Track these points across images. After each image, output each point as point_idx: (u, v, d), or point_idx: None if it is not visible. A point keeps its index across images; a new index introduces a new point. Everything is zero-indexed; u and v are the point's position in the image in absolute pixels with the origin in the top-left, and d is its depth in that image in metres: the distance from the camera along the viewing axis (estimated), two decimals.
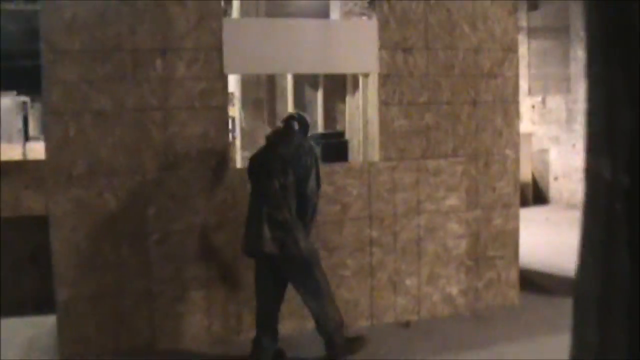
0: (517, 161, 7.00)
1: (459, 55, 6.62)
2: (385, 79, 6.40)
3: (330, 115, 10.76)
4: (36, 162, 7.56)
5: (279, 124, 5.40)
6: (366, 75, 9.58)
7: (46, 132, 5.67)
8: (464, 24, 6.63)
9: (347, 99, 10.52)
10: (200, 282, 5.93)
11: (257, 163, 5.34)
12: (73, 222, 5.60)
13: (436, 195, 6.62)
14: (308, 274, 5.27)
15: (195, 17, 5.79)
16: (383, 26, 6.38)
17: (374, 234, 6.41)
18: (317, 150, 9.49)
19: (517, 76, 6.92)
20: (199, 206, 5.87)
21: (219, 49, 5.86)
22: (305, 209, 5.23)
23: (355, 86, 10.24)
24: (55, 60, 5.52)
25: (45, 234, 5.65)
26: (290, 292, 5.51)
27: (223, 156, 5.93)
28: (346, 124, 10.54)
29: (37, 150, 10.81)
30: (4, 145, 12.07)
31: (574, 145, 13.83)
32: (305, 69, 6.89)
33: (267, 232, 5.05)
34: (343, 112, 10.76)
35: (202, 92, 5.84)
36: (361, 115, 9.64)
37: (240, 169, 6.74)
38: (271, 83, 10.34)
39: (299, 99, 10.73)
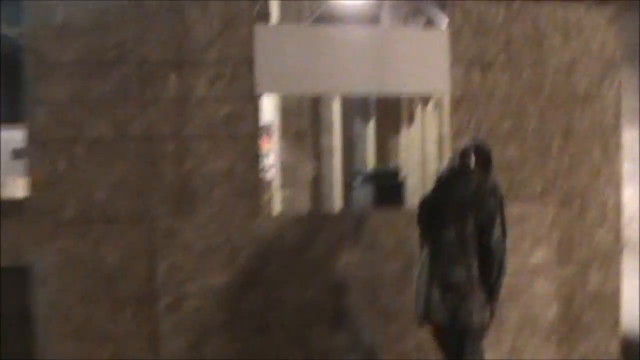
0: (618, 205, 6.05)
1: (548, 74, 5.65)
2: (458, 102, 5.44)
3: (383, 150, 9.76)
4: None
5: (452, 157, 4.68)
6: (426, 102, 8.62)
7: (28, 166, 4.79)
8: (554, 35, 5.66)
9: (403, 131, 9.45)
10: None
11: (428, 208, 4.61)
12: (61, 281, 4.80)
13: (521, 248, 5.62)
14: (469, 351, 4.44)
15: (219, 22, 4.93)
16: (455, 37, 5.40)
17: None
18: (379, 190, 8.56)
19: (619, 99, 6.00)
20: (221, 263, 5.02)
21: (249, 63, 5.00)
22: (489, 267, 4.38)
23: (412, 116, 9.19)
24: (42, 75, 4.71)
25: None
26: None
27: (254, 199, 5.07)
28: (401, 161, 9.49)
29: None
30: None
31: None
32: (357, 89, 5.81)
33: (436, 295, 4.36)
34: (397, 147, 9.74)
35: (228, 117, 4.99)
36: (419, 149, 8.65)
37: (277, 217, 5.77)
38: (315, 113, 9.35)
39: (347, 132, 9.73)
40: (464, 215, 4.37)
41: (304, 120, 8.16)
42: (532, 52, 5.61)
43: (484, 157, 4.57)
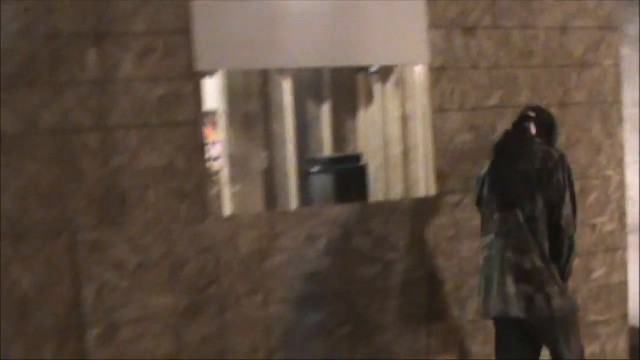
0: (623, 186, 5.47)
1: (539, 37, 5.11)
2: (438, 73, 4.84)
3: (340, 134, 9.13)
4: None
5: (509, 128, 4.29)
6: (386, 80, 8.00)
7: None
8: None
9: (361, 113, 8.85)
10: None
11: (489, 186, 4.23)
12: None
13: None
14: (563, 341, 4.11)
15: None
16: None
17: (433, 304, 4.97)
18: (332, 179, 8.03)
19: (618, 65, 5.36)
20: (162, 280, 4.33)
21: (186, 33, 4.29)
22: (560, 248, 4.05)
23: (371, 96, 8.58)
24: None
25: None
26: None
27: (198, 199, 4.41)
28: (360, 145, 8.98)
29: None
30: None
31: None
32: (317, 62, 5.06)
33: (511, 286, 4.01)
34: (355, 130, 9.18)
35: (163, 101, 4.28)
36: (381, 132, 8.08)
37: (228, 218, 5.27)
38: (265, 96, 8.69)
39: (301, 116, 9.09)
40: (532, 194, 4.01)
41: (253, 105, 7.62)
42: (521, 13, 5.08)
43: (546, 124, 4.21)
